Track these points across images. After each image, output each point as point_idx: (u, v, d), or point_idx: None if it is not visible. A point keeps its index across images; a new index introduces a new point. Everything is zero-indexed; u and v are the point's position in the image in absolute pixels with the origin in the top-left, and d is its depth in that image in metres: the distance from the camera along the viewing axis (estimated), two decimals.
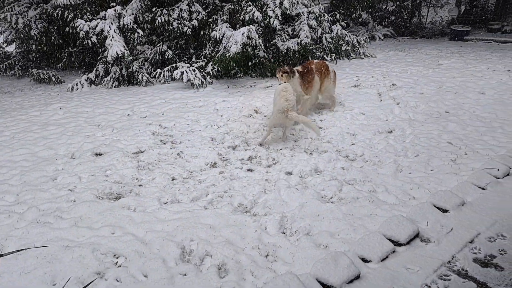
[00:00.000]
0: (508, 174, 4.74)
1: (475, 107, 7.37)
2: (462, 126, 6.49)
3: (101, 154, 5.87)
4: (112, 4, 10.35)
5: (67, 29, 10.72)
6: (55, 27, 11.57)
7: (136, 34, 10.28)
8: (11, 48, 13.20)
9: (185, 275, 3.36)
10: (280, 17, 10.45)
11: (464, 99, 7.90)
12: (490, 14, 17.97)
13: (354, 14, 17.04)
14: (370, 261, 3.33)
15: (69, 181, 5.06)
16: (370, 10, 17.87)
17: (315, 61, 7.55)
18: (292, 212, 4.19)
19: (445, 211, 4.01)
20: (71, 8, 10.49)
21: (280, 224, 4.01)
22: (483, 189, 4.42)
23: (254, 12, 10.00)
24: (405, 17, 17.86)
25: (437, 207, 4.04)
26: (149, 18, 10.68)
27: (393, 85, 9.06)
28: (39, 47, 11.56)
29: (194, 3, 10.78)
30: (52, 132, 6.84)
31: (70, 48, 11.77)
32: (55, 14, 10.70)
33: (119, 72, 10.14)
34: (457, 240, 3.56)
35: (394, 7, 18.33)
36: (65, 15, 10.50)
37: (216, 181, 4.99)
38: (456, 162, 5.26)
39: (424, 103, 7.65)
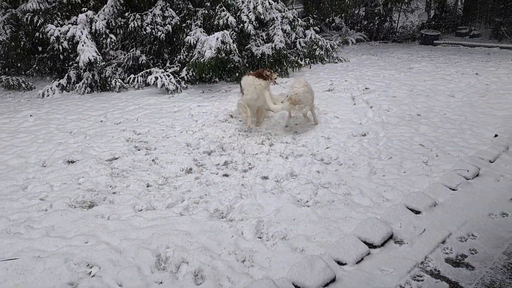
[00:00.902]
0: (477, 175, 4.87)
1: (446, 110, 7.56)
2: (433, 129, 6.64)
3: (73, 162, 5.75)
4: (83, 9, 10.18)
5: (37, 34, 10.47)
6: (25, 33, 11.29)
7: (108, 39, 10.13)
8: None
9: (161, 283, 3.32)
10: (254, 22, 10.51)
11: (435, 101, 8.09)
12: (459, 18, 18.47)
13: (328, 19, 17.26)
14: (345, 263, 3.37)
15: (40, 189, 4.94)
16: (343, 15, 18.13)
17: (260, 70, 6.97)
18: (268, 216, 4.20)
19: (417, 212, 4.09)
20: (41, 13, 10.27)
21: (257, 229, 4.01)
22: (454, 190, 4.53)
23: (228, 17, 10.02)
24: (377, 22, 18.18)
25: (410, 209, 4.12)
26: (122, 23, 10.55)
27: (366, 88, 9.20)
28: (8, 53, 11.26)
29: (168, 8, 10.70)
30: (22, 140, 6.67)
31: (40, 54, 11.50)
32: (25, 19, 10.45)
33: (92, 77, 9.97)
34: (429, 240, 3.64)
35: (365, 12, 18.66)
36: (35, 20, 10.27)
37: (191, 187, 4.96)
38: (428, 164, 5.37)
39: (396, 106, 7.79)
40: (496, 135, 6.24)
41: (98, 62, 9.64)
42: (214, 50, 9.13)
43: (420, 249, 3.52)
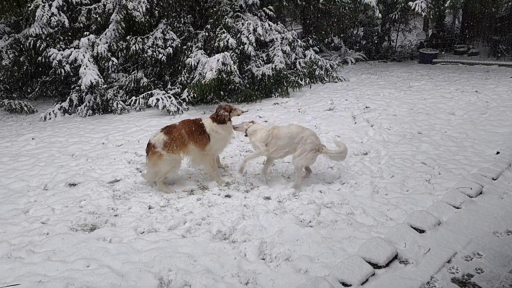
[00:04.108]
0: (481, 193, 4.84)
1: (446, 128, 7.57)
2: (434, 147, 6.63)
3: (75, 185, 5.74)
4: (85, 33, 10.33)
5: (39, 58, 10.61)
6: (27, 57, 11.44)
7: (110, 62, 10.25)
8: None
9: None
10: (254, 43, 10.63)
11: (436, 119, 8.10)
12: (456, 37, 18.67)
13: (327, 39, 17.47)
14: (350, 285, 3.32)
15: (42, 213, 4.91)
16: (341, 35, 18.35)
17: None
18: (271, 237, 4.16)
19: (422, 231, 4.05)
20: (43, 37, 10.41)
21: (260, 250, 3.96)
22: (457, 208, 4.49)
23: (228, 39, 10.14)
24: (376, 41, 18.38)
25: (414, 228, 4.08)
26: (124, 46, 10.68)
27: (366, 107, 9.24)
28: (11, 77, 11.39)
29: (169, 31, 10.85)
30: (24, 163, 6.67)
31: (43, 77, 11.62)
32: (27, 44, 10.60)
33: (94, 100, 10.05)
34: (435, 260, 3.59)
35: (364, 32, 18.88)
36: (38, 45, 10.40)
37: (193, 208, 4.93)
38: (430, 182, 5.35)
39: (397, 125, 7.81)
40: (498, 152, 6.23)
41: (100, 85, 9.73)
42: (215, 71, 9.21)
43: (425, 269, 3.48)
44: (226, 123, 5.58)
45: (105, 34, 10.51)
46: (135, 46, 10.45)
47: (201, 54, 10.25)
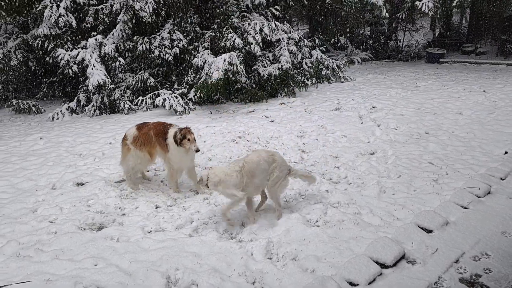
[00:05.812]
0: (489, 193, 4.81)
1: (454, 127, 7.53)
2: (442, 146, 6.60)
3: (83, 184, 5.78)
4: (93, 33, 10.39)
5: (47, 58, 10.68)
6: (35, 57, 11.52)
7: (117, 63, 10.30)
8: None
9: None
10: (260, 43, 10.64)
11: (443, 119, 8.06)
12: (464, 37, 18.56)
13: (333, 39, 17.44)
14: (357, 284, 3.31)
15: (50, 212, 4.95)
16: (348, 35, 18.30)
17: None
18: (278, 237, 4.16)
19: (429, 231, 4.03)
20: (51, 38, 10.48)
21: (267, 250, 3.97)
22: (465, 208, 4.47)
23: (235, 39, 10.15)
24: (382, 41, 18.32)
25: (422, 228, 4.07)
26: (131, 46, 10.72)
27: (373, 107, 9.21)
28: (19, 77, 11.47)
29: (175, 31, 10.88)
30: (32, 163, 6.72)
31: (50, 78, 11.70)
32: (35, 44, 10.67)
33: (101, 100, 10.10)
34: (442, 260, 3.57)
35: (370, 32, 18.82)
36: (46, 45, 10.47)
37: (200, 207, 4.94)
38: (438, 182, 5.32)
39: (404, 125, 7.78)
40: (506, 152, 6.20)
41: (107, 85, 9.79)
42: (222, 71, 9.23)
43: (433, 269, 3.46)
44: (180, 147, 5.07)
45: (112, 35, 10.56)
46: (142, 46, 10.50)
47: (208, 54, 10.28)
